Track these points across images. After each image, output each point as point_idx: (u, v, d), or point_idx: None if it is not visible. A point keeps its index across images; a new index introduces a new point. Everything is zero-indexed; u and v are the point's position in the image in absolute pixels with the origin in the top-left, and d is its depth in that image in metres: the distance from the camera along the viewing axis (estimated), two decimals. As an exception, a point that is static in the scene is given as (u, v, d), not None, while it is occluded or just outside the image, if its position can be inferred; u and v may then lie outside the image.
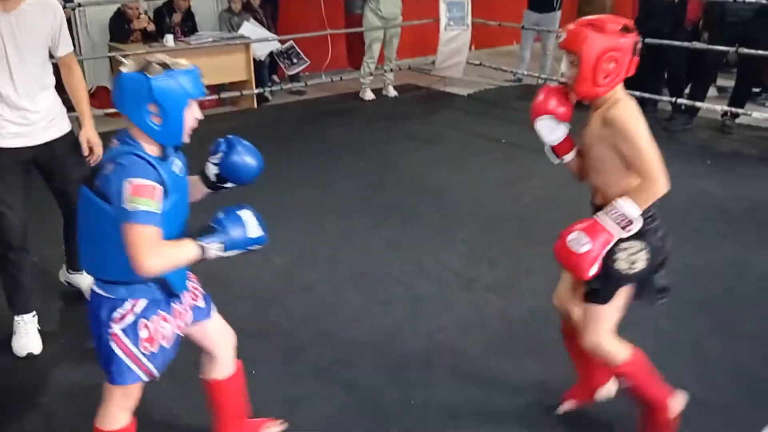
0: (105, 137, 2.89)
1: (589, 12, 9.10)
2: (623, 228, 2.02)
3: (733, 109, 5.88)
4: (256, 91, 6.87)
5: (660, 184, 2.01)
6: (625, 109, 2.02)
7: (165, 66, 1.79)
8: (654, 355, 2.92)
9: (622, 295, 2.15)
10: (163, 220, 1.78)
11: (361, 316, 3.24)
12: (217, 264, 3.76)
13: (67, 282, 3.42)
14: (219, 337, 2.26)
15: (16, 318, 2.98)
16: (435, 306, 3.33)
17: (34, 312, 3.02)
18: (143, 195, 1.73)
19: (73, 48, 3.02)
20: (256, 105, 7.00)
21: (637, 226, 2.02)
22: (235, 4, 6.94)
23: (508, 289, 3.48)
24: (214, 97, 6.88)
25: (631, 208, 2.01)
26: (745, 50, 5.55)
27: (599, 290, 2.13)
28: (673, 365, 2.88)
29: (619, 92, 2.07)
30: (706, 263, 3.74)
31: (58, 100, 2.98)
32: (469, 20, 7.53)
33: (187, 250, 1.85)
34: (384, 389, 2.75)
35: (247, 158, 2.08)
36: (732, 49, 5.65)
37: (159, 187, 1.77)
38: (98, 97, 6.73)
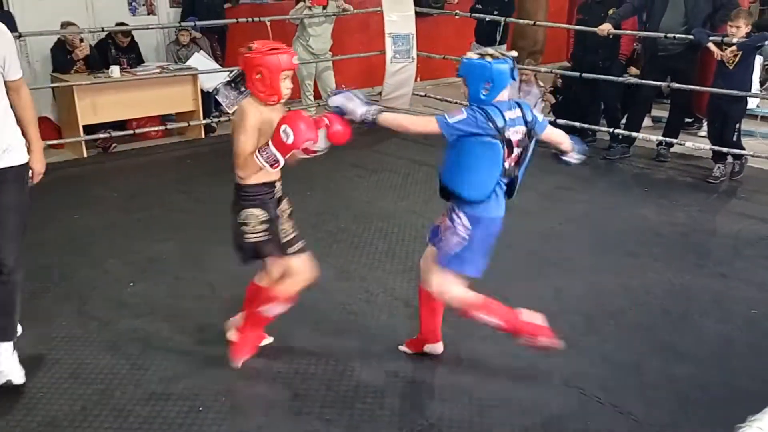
0: (47, 169, 2.89)
1: (522, 46, 9.40)
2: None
3: (668, 139, 6.14)
4: (203, 121, 6.84)
5: None
6: None
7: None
8: (599, 378, 3.03)
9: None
10: None
11: (310, 347, 3.23)
12: (165, 295, 3.73)
13: None
14: None
15: None
16: (385, 335, 3.34)
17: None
18: None
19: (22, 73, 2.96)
20: (203, 135, 6.96)
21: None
22: (183, 36, 6.93)
23: (456, 316, 3.52)
24: (161, 127, 6.83)
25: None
26: (677, 84, 5.83)
27: None
28: (616, 387, 2.96)
29: None
30: (643, 286, 3.87)
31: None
32: (414, 53, 7.68)
33: None
34: (334, 421, 2.74)
35: None
36: (664, 84, 5.93)
37: None
38: (40, 128, 6.55)
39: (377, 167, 5.99)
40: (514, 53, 2.80)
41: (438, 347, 3.14)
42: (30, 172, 2.94)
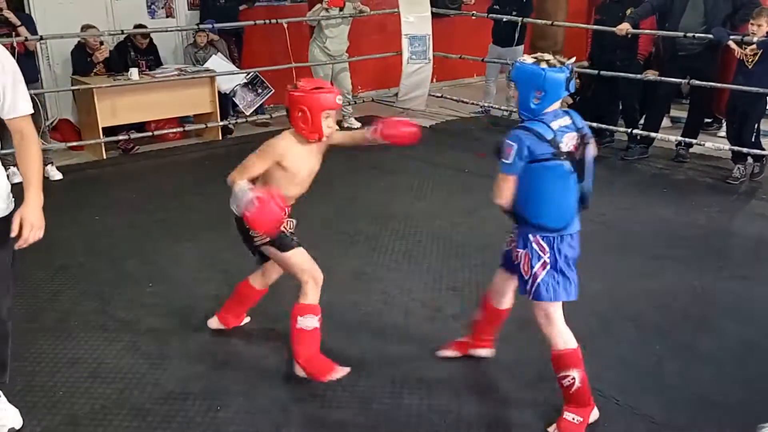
0: (67, 171, 2.91)
1: (542, 46, 9.44)
2: None
3: (687, 139, 6.09)
4: (220, 123, 6.89)
5: None
6: None
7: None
8: (616, 380, 3.01)
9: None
10: None
11: (327, 347, 3.23)
12: (184, 295, 3.76)
13: None
14: None
15: None
16: (401, 336, 3.35)
17: None
18: None
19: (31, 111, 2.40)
20: (221, 137, 7.01)
21: None
22: (200, 38, 6.98)
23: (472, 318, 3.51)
24: (179, 129, 6.89)
25: None
26: (696, 82, 5.78)
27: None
28: (634, 389, 2.94)
29: None
30: (663, 288, 3.83)
31: None
32: (430, 54, 7.68)
33: None
34: (352, 422, 2.75)
35: None
36: (684, 81, 5.88)
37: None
38: (60, 130, 6.68)
39: (394, 168, 5.99)
40: (573, 59, 2.59)
41: (486, 351, 3.10)
42: (17, 224, 2.28)
